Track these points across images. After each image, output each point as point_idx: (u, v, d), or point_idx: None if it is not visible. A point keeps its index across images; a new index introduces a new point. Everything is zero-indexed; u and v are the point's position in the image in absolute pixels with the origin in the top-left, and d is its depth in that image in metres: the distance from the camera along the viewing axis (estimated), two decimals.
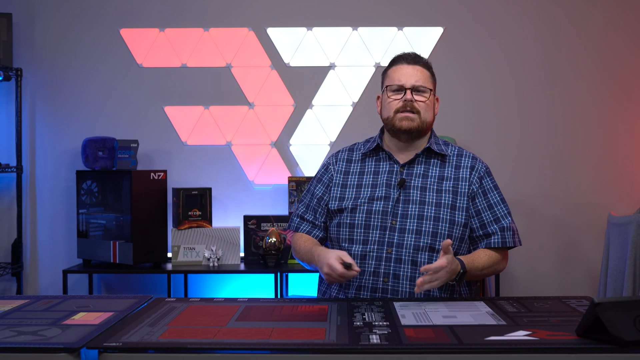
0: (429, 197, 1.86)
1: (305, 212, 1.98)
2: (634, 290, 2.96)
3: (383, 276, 1.81)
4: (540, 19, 3.60)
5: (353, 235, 1.86)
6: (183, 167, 3.63)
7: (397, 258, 1.81)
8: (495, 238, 1.87)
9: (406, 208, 1.85)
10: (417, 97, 1.88)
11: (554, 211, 3.59)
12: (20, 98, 3.51)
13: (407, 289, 1.80)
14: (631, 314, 1.21)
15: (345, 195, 1.92)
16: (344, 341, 1.29)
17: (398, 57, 1.95)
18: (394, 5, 3.62)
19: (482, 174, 1.92)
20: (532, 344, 1.26)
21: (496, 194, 1.92)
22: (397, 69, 1.92)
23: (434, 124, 2.01)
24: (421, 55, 1.95)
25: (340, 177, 1.96)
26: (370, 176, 1.92)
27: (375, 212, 1.85)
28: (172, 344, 1.28)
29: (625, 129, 3.59)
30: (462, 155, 1.95)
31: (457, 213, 1.85)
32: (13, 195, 3.58)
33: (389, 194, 1.87)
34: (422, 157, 1.93)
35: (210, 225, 3.36)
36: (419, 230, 1.82)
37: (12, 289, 3.60)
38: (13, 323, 1.46)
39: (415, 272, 1.80)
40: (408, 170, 1.91)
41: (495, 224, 1.87)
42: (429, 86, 1.90)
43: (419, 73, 1.89)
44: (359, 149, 2.00)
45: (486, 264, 1.84)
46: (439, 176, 1.90)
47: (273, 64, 3.63)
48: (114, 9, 3.63)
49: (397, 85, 1.89)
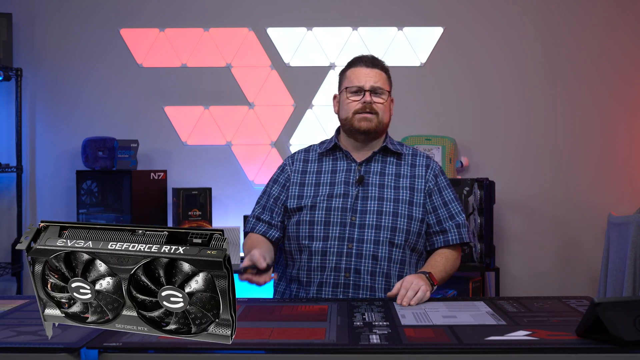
0: (387, 193, 1.91)
1: (262, 213, 1.99)
2: (634, 290, 2.96)
3: (344, 271, 1.84)
4: (540, 19, 3.60)
5: (313, 232, 1.88)
6: (183, 167, 3.63)
7: (358, 253, 1.85)
8: (452, 235, 1.93)
9: (365, 204, 1.89)
10: (376, 99, 1.92)
11: (554, 211, 3.59)
12: (20, 98, 3.51)
13: (368, 283, 1.84)
14: (631, 314, 1.21)
15: (303, 193, 1.95)
16: (344, 341, 1.29)
17: (356, 59, 1.99)
18: (394, 5, 3.62)
19: (437, 172, 1.99)
20: (532, 344, 1.25)
21: (450, 192, 1.98)
22: (355, 70, 1.96)
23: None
24: (379, 58, 2.00)
25: (298, 176, 1.98)
26: (328, 175, 1.96)
27: (334, 209, 1.89)
28: (172, 344, 1.28)
29: (625, 129, 3.59)
30: (417, 154, 2.02)
31: (415, 209, 1.91)
32: (13, 195, 3.58)
33: (347, 191, 1.91)
34: (379, 155, 1.98)
35: (210, 225, 3.36)
36: (379, 225, 1.86)
37: (12, 289, 3.60)
38: (13, 323, 1.46)
39: (375, 266, 1.84)
40: (365, 168, 1.95)
41: (451, 220, 1.94)
42: (387, 88, 1.96)
43: (377, 75, 1.94)
44: (315, 149, 2.04)
45: (446, 264, 1.89)
46: (396, 174, 1.95)
47: (273, 64, 3.63)
48: (114, 9, 3.63)
49: (356, 87, 1.93)
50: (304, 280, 1.88)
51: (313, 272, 1.86)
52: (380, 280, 1.85)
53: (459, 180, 3.23)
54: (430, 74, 3.61)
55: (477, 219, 3.21)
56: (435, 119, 3.60)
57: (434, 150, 3.44)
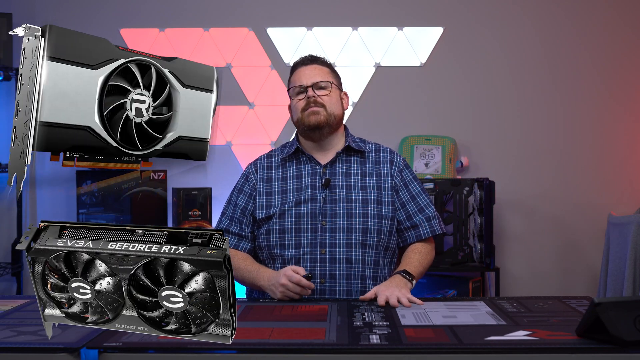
0: (355, 194, 1.89)
1: (230, 225, 1.98)
2: (634, 290, 2.96)
3: (319, 277, 1.83)
4: (540, 19, 3.60)
5: (284, 240, 1.86)
6: (183, 167, 3.62)
7: (332, 258, 1.83)
8: (424, 229, 1.92)
9: (334, 207, 1.87)
10: (319, 92, 1.92)
11: (554, 211, 3.59)
12: None
13: (344, 287, 1.83)
14: (631, 314, 1.21)
15: (271, 202, 1.92)
16: (344, 341, 1.29)
17: (297, 62, 2.01)
18: (394, 5, 3.62)
19: (402, 167, 1.98)
20: (532, 344, 1.25)
21: (417, 185, 1.97)
22: (297, 72, 1.98)
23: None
24: (319, 56, 2.01)
25: (264, 185, 1.96)
26: (293, 180, 1.94)
27: (304, 214, 1.87)
28: (172, 344, 1.28)
29: (625, 129, 3.59)
30: (380, 150, 2.00)
31: (384, 207, 1.90)
32: (13, 195, 3.58)
33: (315, 195, 1.89)
34: (342, 155, 1.96)
35: (211, 225, 3.35)
36: (350, 228, 1.85)
37: (12, 289, 3.60)
38: (13, 323, 1.46)
39: (350, 269, 1.83)
40: (330, 170, 1.93)
41: (420, 213, 1.93)
42: (330, 80, 1.94)
43: (317, 71, 1.95)
44: (277, 154, 2.02)
45: (421, 258, 1.89)
46: (361, 173, 1.94)
47: (273, 64, 3.63)
48: (114, 9, 3.63)
49: (298, 87, 1.94)
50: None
51: None
52: (356, 283, 1.84)
53: (459, 180, 3.22)
54: (430, 74, 3.61)
55: (477, 219, 3.20)
56: (435, 119, 3.60)
57: (434, 150, 3.44)
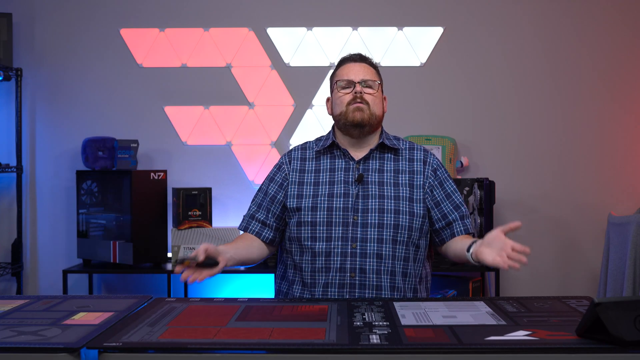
0: (387, 190, 1.91)
1: (257, 211, 1.99)
2: (634, 290, 2.96)
3: (350, 271, 1.84)
4: (541, 19, 3.60)
5: (315, 233, 1.88)
6: (183, 167, 3.63)
7: (362, 252, 1.84)
8: (457, 227, 1.93)
9: (366, 203, 1.88)
10: (366, 89, 1.94)
11: (554, 211, 3.59)
12: (20, 98, 3.51)
13: (374, 282, 1.84)
14: (631, 314, 1.21)
15: (303, 192, 1.94)
16: (344, 341, 1.29)
17: (345, 58, 2.02)
18: (394, 5, 3.62)
19: (435, 166, 1.99)
20: (532, 344, 1.25)
21: (451, 183, 1.99)
22: (345, 67, 1.99)
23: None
24: (367, 56, 2.03)
25: (296, 175, 1.98)
26: (326, 173, 1.96)
27: (336, 208, 1.88)
28: (172, 344, 1.28)
29: (625, 129, 3.59)
30: (414, 148, 2.01)
31: (416, 205, 1.91)
32: (13, 195, 3.58)
33: (347, 190, 1.90)
34: (376, 152, 1.97)
35: (211, 225, 3.36)
36: (381, 224, 1.86)
37: (12, 289, 3.60)
38: (13, 323, 1.46)
39: (380, 264, 1.84)
40: (364, 166, 1.94)
41: (455, 211, 1.94)
42: (377, 80, 1.97)
43: (366, 69, 1.97)
44: (312, 147, 2.03)
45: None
46: (395, 170, 1.95)
47: (273, 64, 3.63)
48: (114, 9, 3.63)
49: (346, 81, 1.95)
50: (308, 282, 1.87)
51: (317, 273, 1.86)
52: (386, 278, 1.85)
53: (459, 180, 3.23)
54: (430, 74, 3.61)
55: (477, 219, 3.20)
56: (435, 119, 3.60)
57: (434, 150, 3.44)
